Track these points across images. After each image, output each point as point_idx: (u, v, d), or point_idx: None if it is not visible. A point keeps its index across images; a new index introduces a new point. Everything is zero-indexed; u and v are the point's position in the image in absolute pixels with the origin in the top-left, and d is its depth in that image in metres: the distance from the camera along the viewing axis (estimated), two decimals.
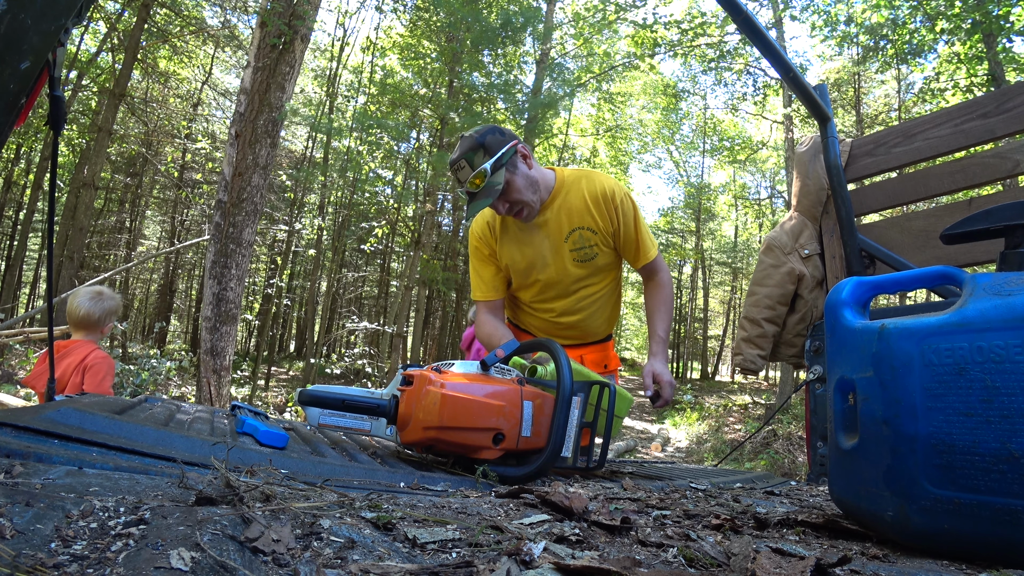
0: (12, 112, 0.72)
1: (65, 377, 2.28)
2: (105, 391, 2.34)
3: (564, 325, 1.97)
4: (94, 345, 2.45)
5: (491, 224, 1.93)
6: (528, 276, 1.90)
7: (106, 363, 2.39)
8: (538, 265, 1.87)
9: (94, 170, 9.97)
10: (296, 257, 17.11)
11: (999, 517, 0.62)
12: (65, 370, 2.29)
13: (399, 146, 11.73)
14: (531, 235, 1.85)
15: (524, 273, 1.90)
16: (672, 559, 0.58)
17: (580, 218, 1.82)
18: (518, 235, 1.87)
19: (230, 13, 12.54)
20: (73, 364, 2.32)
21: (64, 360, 2.32)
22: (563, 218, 1.82)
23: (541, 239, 1.84)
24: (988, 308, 0.66)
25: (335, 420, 1.31)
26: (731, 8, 1.68)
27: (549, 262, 1.85)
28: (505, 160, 1.68)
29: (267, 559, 0.45)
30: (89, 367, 2.33)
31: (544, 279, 1.88)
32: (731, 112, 16.18)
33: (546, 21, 11.26)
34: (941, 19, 9.27)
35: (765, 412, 12.21)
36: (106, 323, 2.52)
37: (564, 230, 1.82)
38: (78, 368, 2.32)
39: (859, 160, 2.42)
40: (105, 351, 2.52)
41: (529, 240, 1.85)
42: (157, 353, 8.87)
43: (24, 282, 16.57)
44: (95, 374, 2.33)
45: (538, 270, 1.87)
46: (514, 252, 1.89)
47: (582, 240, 1.83)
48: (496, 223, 1.93)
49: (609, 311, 2.03)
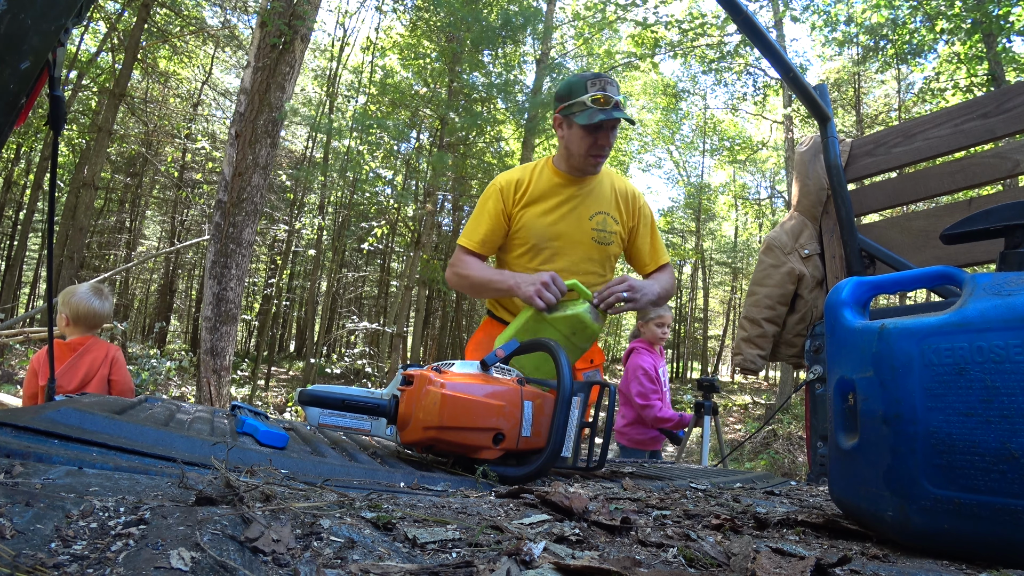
0: (12, 112, 0.72)
1: (92, 372, 2.34)
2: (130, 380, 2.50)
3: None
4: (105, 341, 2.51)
5: (520, 182, 1.94)
6: (544, 239, 1.91)
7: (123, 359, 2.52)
8: (560, 231, 1.91)
9: (94, 170, 9.97)
10: (296, 257, 17.10)
11: (999, 517, 0.62)
12: (91, 366, 2.35)
13: (399, 146, 11.74)
14: (561, 204, 1.91)
15: (541, 235, 1.90)
16: (672, 559, 0.58)
17: (607, 205, 1.95)
18: (548, 201, 1.91)
19: (230, 13, 12.54)
20: (99, 358, 2.39)
21: (86, 357, 2.36)
22: (593, 199, 1.94)
23: (569, 210, 1.91)
24: (988, 308, 0.66)
25: (335, 420, 1.31)
26: (731, 8, 1.69)
27: (571, 231, 1.91)
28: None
29: (267, 559, 0.45)
30: (116, 359, 2.44)
31: (559, 245, 1.91)
32: (731, 112, 16.19)
33: (546, 21, 11.25)
34: (941, 19, 9.27)
35: (765, 412, 12.21)
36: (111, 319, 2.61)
37: (591, 209, 1.93)
38: (105, 361, 2.40)
39: (859, 160, 2.42)
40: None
41: (557, 208, 1.91)
42: (157, 353, 8.87)
43: (24, 282, 16.57)
44: (121, 365, 2.46)
45: (556, 236, 1.91)
46: (538, 215, 1.91)
47: (604, 224, 1.94)
48: (528, 183, 1.93)
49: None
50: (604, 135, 1.84)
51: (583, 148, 1.84)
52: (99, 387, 2.34)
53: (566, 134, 1.87)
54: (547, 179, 1.94)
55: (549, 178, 1.94)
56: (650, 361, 3.47)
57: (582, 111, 1.79)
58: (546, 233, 1.90)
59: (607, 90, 1.78)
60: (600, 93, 1.78)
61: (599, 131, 1.82)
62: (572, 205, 1.91)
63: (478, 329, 2.11)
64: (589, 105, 1.78)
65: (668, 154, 22.32)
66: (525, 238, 1.92)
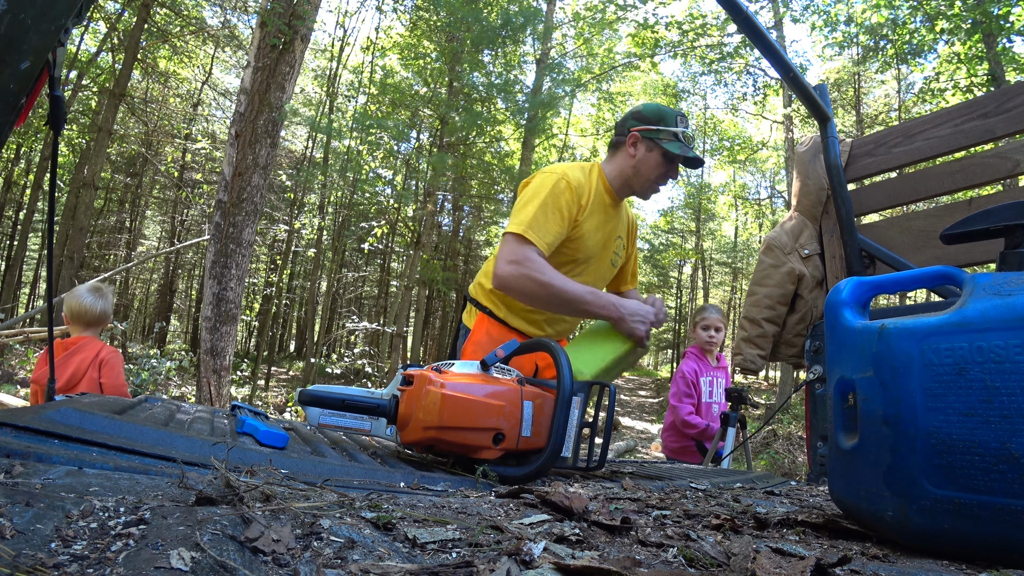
0: (12, 112, 0.72)
1: (80, 373, 2.32)
2: (122, 384, 2.43)
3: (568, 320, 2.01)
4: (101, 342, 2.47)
5: (584, 188, 1.84)
6: (589, 256, 1.91)
7: (118, 357, 2.47)
8: (598, 251, 1.94)
9: (94, 170, 9.97)
10: (296, 257, 17.11)
11: (999, 517, 0.62)
12: (79, 366, 2.33)
13: (399, 146, 11.74)
14: (605, 222, 1.93)
15: (589, 252, 1.90)
16: (672, 559, 0.58)
17: (623, 230, 2.04)
18: (598, 216, 1.91)
19: (230, 13, 12.54)
20: (87, 360, 2.36)
21: (75, 357, 2.34)
22: (618, 222, 1.99)
23: (609, 230, 1.95)
24: (988, 308, 0.66)
25: (335, 420, 1.31)
26: (731, 8, 1.68)
27: (602, 252, 1.96)
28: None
29: (267, 559, 0.45)
30: (105, 362, 2.39)
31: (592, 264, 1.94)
32: (731, 112, 16.19)
33: (546, 21, 11.25)
34: (941, 19, 9.27)
35: (765, 412, 12.20)
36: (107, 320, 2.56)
37: (616, 232, 2.00)
38: (93, 363, 2.37)
39: (859, 160, 2.42)
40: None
41: (603, 225, 1.93)
42: (157, 353, 8.87)
43: (24, 282, 16.57)
44: (112, 368, 2.40)
45: (595, 255, 1.94)
46: (593, 230, 1.90)
47: (619, 248, 2.02)
48: (590, 192, 1.87)
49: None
50: (675, 170, 1.89)
51: (655, 175, 1.88)
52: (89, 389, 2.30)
53: (642, 156, 1.86)
54: (600, 193, 1.90)
55: (601, 192, 1.90)
56: (692, 366, 3.45)
57: (671, 140, 1.83)
58: (593, 251, 1.90)
59: (686, 127, 1.86)
60: (689, 131, 1.87)
61: (673, 164, 1.88)
62: (611, 227, 1.95)
63: (473, 329, 2.03)
64: (679, 138, 1.83)
65: None
66: (575, 250, 1.85)
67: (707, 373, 3.46)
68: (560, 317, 1.96)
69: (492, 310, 2.02)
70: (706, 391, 3.45)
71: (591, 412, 1.40)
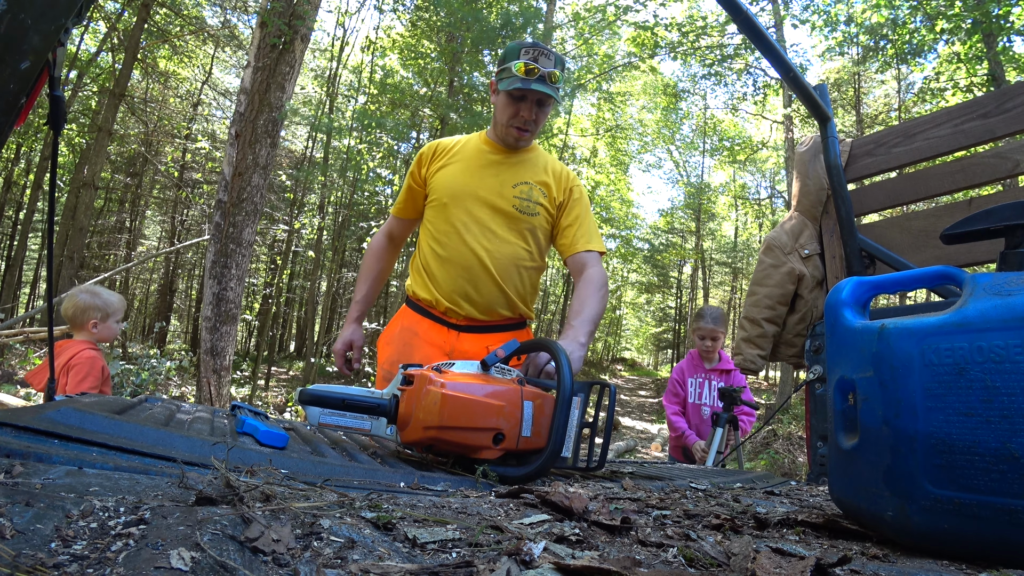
0: (12, 112, 0.72)
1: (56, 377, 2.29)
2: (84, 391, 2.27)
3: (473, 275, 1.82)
4: (84, 344, 2.42)
5: (445, 146, 1.93)
6: (454, 196, 1.84)
7: (89, 363, 2.36)
8: (473, 190, 1.84)
9: (94, 170, 9.97)
10: (296, 257, 17.10)
11: (999, 517, 0.62)
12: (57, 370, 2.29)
13: (399, 146, 11.73)
14: (482, 167, 1.87)
15: (450, 192, 1.84)
16: (672, 559, 0.58)
17: (535, 175, 1.89)
18: (468, 163, 1.88)
19: (230, 13, 12.54)
20: (60, 364, 2.32)
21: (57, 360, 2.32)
22: (519, 169, 1.89)
23: (491, 175, 1.86)
24: (988, 308, 0.66)
25: (335, 420, 1.30)
26: (731, 8, 1.68)
27: (489, 195, 1.84)
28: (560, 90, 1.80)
29: (267, 559, 0.45)
30: (72, 367, 2.32)
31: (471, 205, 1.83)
32: (731, 112, 16.19)
33: (546, 21, 11.25)
34: (941, 19, 9.27)
35: (765, 412, 12.20)
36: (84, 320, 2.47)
37: (516, 178, 1.87)
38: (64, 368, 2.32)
39: (859, 160, 2.42)
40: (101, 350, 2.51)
41: (477, 170, 1.87)
42: (157, 353, 8.86)
43: (24, 282, 16.56)
44: (76, 374, 2.32)
45: (469, 195, 1.83)
46: (452, 174, 1.87)
47: (529, 194, 1.86)
48: (454, 148, 1.91)
49: (524, 287, 1.90)
50: (527, 107, 1.77)
51: (505, 117, 1.80)
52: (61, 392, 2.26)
53: (496, 101, 1.83)
54: (475, 146, 1.90)
55: (477, 145, 1.91)
56: (681, 367, 3.52)
57: (507, 78, 1.73)
58: (455, 190, 1.83)
59: (539, 60, 1.70)
60: (532, 63, 1.70)
61: (522, 101, 1.76)
62: (495, 171, 1.86)
63: (392, 320, 2.00)
64: (514, 73, 1.71)
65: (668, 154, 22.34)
66: (434, 191, 1.88)
67: (697, 375, 3.47)
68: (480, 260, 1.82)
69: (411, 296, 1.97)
70: (695, 393, 3.44)
71: (591, 412, 1.40)
